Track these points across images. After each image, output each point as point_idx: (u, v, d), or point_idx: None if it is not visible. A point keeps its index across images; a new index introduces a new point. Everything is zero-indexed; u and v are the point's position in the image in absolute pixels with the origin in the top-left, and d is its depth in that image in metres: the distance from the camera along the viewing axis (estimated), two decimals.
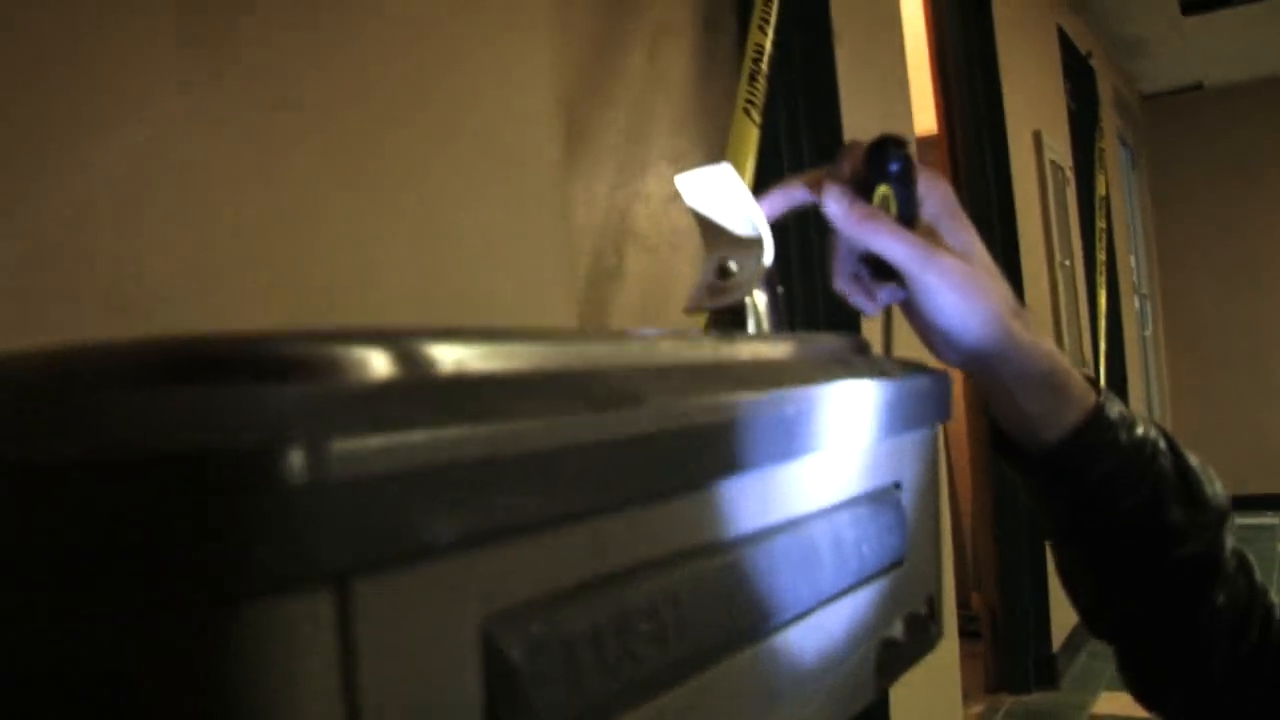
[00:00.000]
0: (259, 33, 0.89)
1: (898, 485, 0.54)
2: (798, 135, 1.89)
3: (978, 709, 3.22)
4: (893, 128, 2.71)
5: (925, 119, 3.51)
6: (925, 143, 3.34)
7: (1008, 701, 3.30)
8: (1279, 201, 6.86)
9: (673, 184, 1.75)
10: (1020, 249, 3.61)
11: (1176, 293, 7.17)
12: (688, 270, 1.69)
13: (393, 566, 0.25)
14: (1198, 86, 7.06)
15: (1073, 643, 3.80)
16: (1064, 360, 0.60)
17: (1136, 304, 6.38)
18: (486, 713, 0.27)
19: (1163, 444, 0.61)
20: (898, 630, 0.53)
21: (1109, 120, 5.67)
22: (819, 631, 0.45)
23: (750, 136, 1.64)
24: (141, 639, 0.23)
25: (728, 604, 0.37)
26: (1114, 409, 0.60)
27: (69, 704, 0.24)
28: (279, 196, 0.89)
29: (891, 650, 0.52)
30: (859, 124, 2.32)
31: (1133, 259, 6.46)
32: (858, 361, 0.53)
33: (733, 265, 0.59)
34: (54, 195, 0.72)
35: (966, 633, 3.56)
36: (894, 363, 0.56)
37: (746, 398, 0.38)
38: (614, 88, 1.59)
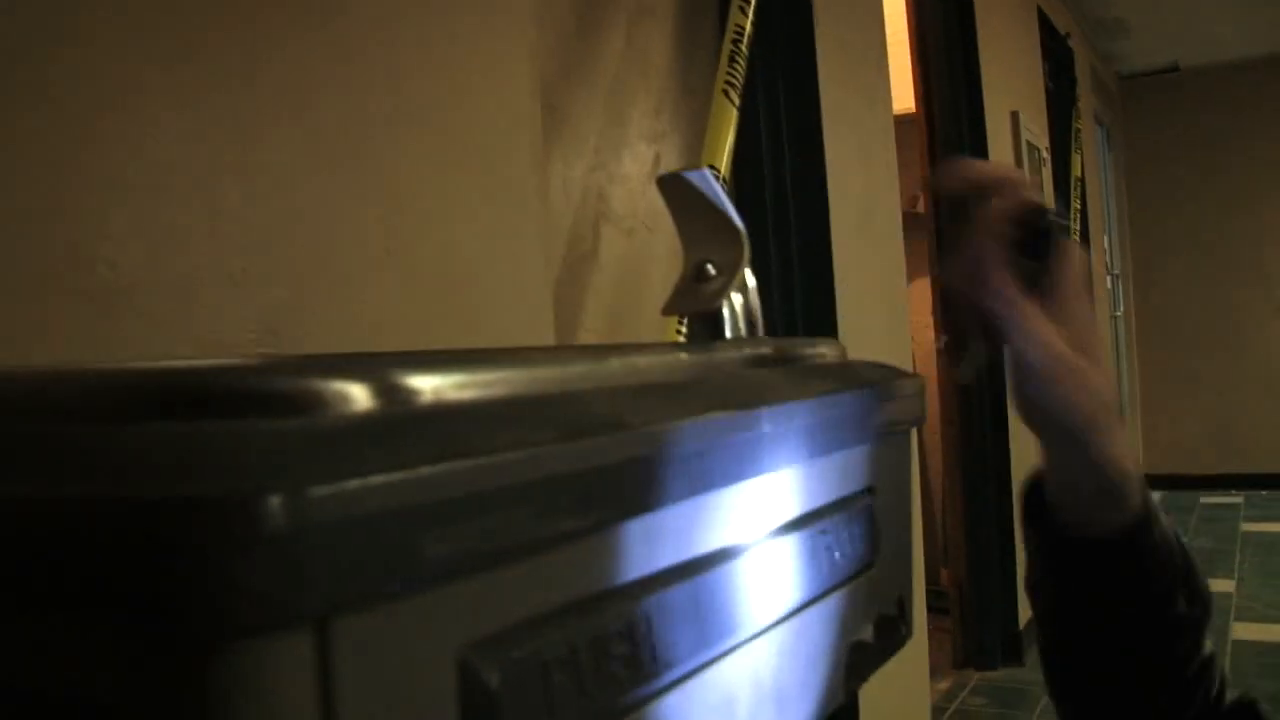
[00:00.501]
0: (233, 19, 0.88)
1: (871, 490, 0.54)
2: (777, 116, 1.89)
3: (945, 684, 3.26)
4: (871, 106, 2.72)
5: (904, 98, 3.51)
6: (903, 121, 3.34)
7: (974, 677, 3.34)
8: (1251, 183, 6.91)
9: (650, 165, 1.75)
10: None
11: (1148, 273, 7.22)
12: (664, 252, 1.69)
13: (371, 604, 0.25)
14: (1174, 68, 7.08)
15: None
16: (1132, 467, 0.60)
17: (1109, 284, 6.42)
18: None
19: (1176, 537, 0.62)
20: (867, 633, 0.53)
21: (1086, 100, 5.69)
22: (790, 641, 0.45)
23: (729, 117, 1.64)
24: (120, 679, 0.23)
25: (701, 620, 0.38)
26: (1160, 520, 0.61)
27: None
28: (253, 184, 0.89)
29: (861, 652, 0.53)
30: (837, 104, 2.32)
31: (1106, 239, 6.50)
32: (833, 369, 0.53)
33: (711, 268, 0.59)
34: (27, 185, 0.72)
35: (935, 608, 3.59)
36: (870, 367, 0.56)
37: (724, 417, 0.38)
38: (592, 69, 1.59)
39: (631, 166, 1.66)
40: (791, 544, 0.45)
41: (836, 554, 0.49)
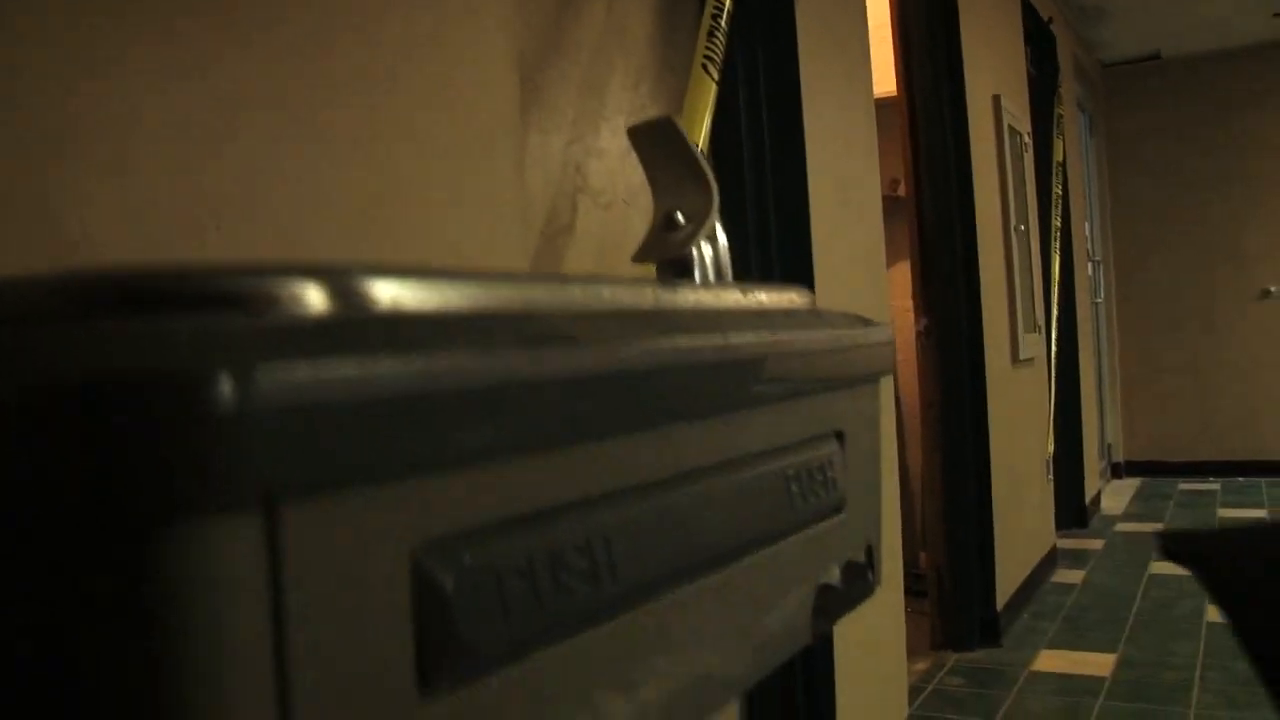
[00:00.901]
0: None
1: (839, 435, 0.55)
2: (756, 92, 1.89)
3: (923, 665, 3.28)
4: (851, 87, 2.72)
5: (885, 81, 3.51)
6: (884, 104, 3.34)
7: (952, 659, 3.36)
8: (1231, 171, 6.94)
9: (628, 140, 1.75)
10: (976, 213, 3.63)
11: (1130, 260, 7.25)
12: (642, 227, 1.69)
13: (321, 493, 0.25)
14: (1155, 56, 7.11)
15: (1015, 603, 3.87)
16: None
17: (1090, 270, 6.45)
18: (417, 641, 0.28)
19: None
20: (835, 576, 0.54)
21: (1068, 86, 5.70)
22: (755, 574, 0.46)
23: (708, 92, 1.64)
24: (71, 566, 0.23)
25: (662, 543, 0.38)
26: None
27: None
28: (228, 151, 0.88)
29: (829, 596, 0.53)
30: (818, 85, 2.32)
31: (1087, 225, 6.52)
32: (802, 313, 0.53)
33: (680, 216, 0.59)
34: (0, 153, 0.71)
35: (913, 592, 3.61)
36: (839, 315, 0.56)
37: (686, 343, 0.38)
38: (571, 41, 1.58)
39: (610, 141, 1.65)
40: (757, 478, 0.45)
41: (804, 493, 0.49)
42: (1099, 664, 3.05)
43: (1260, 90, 6.97)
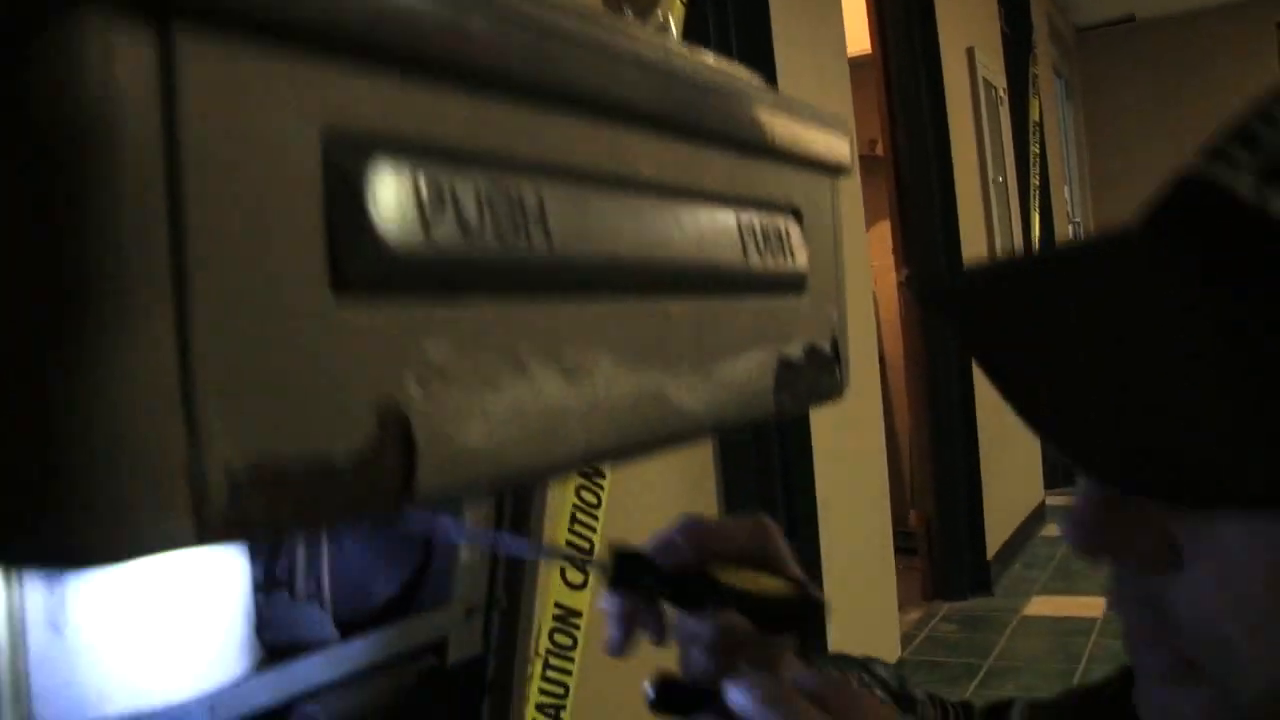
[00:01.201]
0: None
1: (797, 213, 0.54)
2: (725, 10, 1.87)
3: (915, 614, 3.27)
4: (824, 42, 2.70)
5: (860, 41, 3.50)
6: (860, 64, 3.33)
7: (944, 607, 3.36)
8: (1209, 131, 6.96)
9: None
10: (954, 165, 3.63)
11: (1110, 222, 7.27)
12: None
13: (219, 29, 0.24)
14: (1130, 19, 7.11)
15: (1006, 555, 3.87)
16: None
17: (1070, 232, 6.45)
18: (327, 229, 0.27)
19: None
20: (798, 354, 0.53)
21: (1044, 49, 5.70)
22: (712, 317, 0.44)
23: (677, 14, 1.63)
24: None
25: (604, 234, 0.37)
26: None
27: None
28: None
29: (791, 372, 0.52)
30: (790, 39, 2.30)
31: (1067, 189, 6.53)
32: (756, 82, 0.52)
33: (629, 10, 0.58)
34: None
35: (904, 549, 3.61)
36: (795, 98, 0.55)
37: (628, 43, 0.37)
38: None
39: None
40: (710, 215, 0.44)
41: (760, 253, 0.48)
42: (1091, 606, 3.04)
43: (1235, 49, 6.98)
